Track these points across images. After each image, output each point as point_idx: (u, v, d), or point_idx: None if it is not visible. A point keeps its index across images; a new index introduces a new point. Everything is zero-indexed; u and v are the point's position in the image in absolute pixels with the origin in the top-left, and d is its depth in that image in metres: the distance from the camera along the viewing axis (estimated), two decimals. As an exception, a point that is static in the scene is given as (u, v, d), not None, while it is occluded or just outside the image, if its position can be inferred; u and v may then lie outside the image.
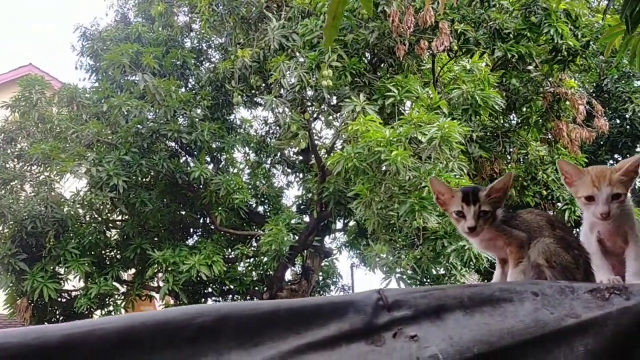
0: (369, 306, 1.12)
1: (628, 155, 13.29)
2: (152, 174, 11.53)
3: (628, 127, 11.48)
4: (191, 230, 12.71)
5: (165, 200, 11.93)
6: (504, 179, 1.68)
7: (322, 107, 10.24)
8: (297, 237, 11.25)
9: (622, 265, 1.56)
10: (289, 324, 1.08)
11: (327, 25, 2.24)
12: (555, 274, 1.44)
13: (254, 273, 12.36)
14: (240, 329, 1.06)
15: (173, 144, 11.71)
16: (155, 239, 11.63)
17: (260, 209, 12.89)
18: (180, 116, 11.25)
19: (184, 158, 12.17)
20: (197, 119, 11.07)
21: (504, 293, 1.17)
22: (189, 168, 11.25)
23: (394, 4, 9.26)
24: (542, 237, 1.54)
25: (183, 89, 12.06)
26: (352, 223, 12.60)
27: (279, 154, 13.07)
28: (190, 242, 12.37)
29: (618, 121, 11.62)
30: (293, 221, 11.35)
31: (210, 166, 12.03)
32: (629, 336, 1.10)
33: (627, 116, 11.38)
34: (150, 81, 10.55)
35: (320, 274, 12.99)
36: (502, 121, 10.52)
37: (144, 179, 11.58)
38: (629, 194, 1.56)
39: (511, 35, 9.67)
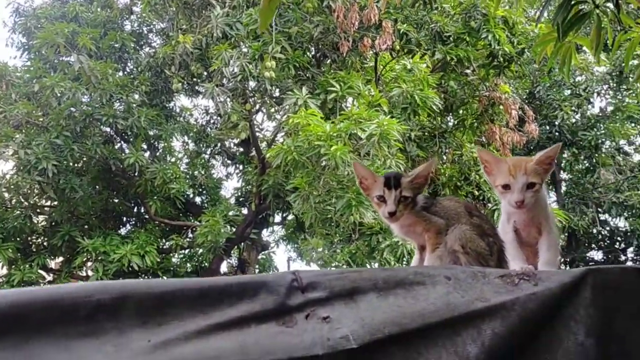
0: (283, 287, 1.10)
1: (556, 160, 13.96)
2: (84, 159, 11.11)
3: (557, 133, 12.03)
4: (124, 219, 12.33)
5: (97, 187, 11.50)
6: (426, 166, 1.70)
7: (264, 98, 10.15)
8: (234, 229, 11.11)
9: (535, 257, 1.61)
10: (196, 303, 1.03)
11: (263, 8, 2.19)
12: (470, 260, 1.47)
13: (188, 265, 12.12)
14: (142, 307, 1.00)
15: (108, 129, 11.29)
16: (86, 226, 11.20)
17: (198, 199, 12.65)
18: (117, 101, 10.86)
19: (118, 144, 11.76)
20: (134, 105, 10.71)
21: (418, 276, 1.17)
22: (123, 155, 10.89)
23: (339, 0, 9.30)
24: (459, 224, 1.56)
25: (120, 73, 11.64)
26: (290, 217, 12.58)
27: (219, 144, 12.85)
28: (122, 231, 12.00)
29: (548, 127, 12.16)
30: (231, 213, 11.22)
31: (147, 154, 11.69)
32: (534, 320, 1.13)
33: (556, 123, 11.93)
34: (86, 63, 10.11)
35: (257, 267, 12.89)
36: (439, 122, 10.78)
37: (75, 164, 11.11)
38: (544, 186, 1.62)
39: (451, 39, 9.93)
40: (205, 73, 10.72)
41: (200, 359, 0.96)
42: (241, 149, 12.73)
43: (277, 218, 12.97)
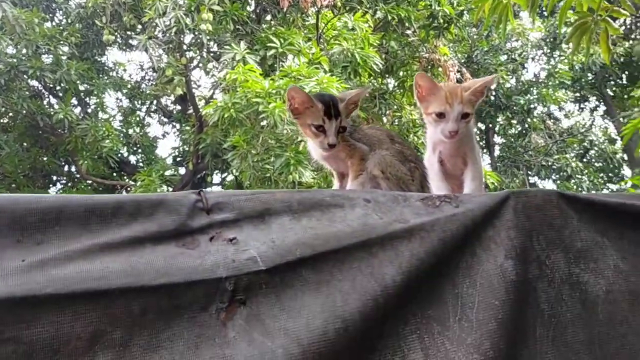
0: (185, 207, 1.00)
1: (491, 125, 14.35)
2: (10, 114, 10.47)
3: (492, 97, 12.31)
4: (54, 177, 11.75)
5: (25, 144, 10.88)
6: (358, 92, 1.62)
7: (201, 53, 9.78)
8: (170, 190, 10.81)
9: (460, 189, 1.57)
10: (81, 221, 0.92)
11: None
12: (390, 185, 1.42)
13: (122, 226, 11.75)
14: (17, 224, 0.88)
15: (35, 82, 10.61)
16: (13, 185, 10.60)
17: (133, 158, 12.21)
18: (44, 53, 10.18)
19: (47, 99, 11.10)
20: (63, 57, 10.07)
21: (336, 199, 1.10)
22: (52, 110, 10.28)
23: (281, -47, 9.00)
24: (380, 150, 1.50)
25: (48, 24, 10.90)
26: (230, 177, 12.37)
27: (155, 101, 12.36)
28: (52, 190, 11.47)
29: (484, 91, 12.38)
30: (167, 173, 10.90)
31: (77, 110, 11.10)
32: (454, 242, 1.08)
33: (491, 87, 12.17)
34: (10, 11, 9.38)
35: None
36: (379, 83, 10.77)
37: (0, 120, 10.43)
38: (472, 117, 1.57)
39: (393, -3, 9.85)
40: (140, 26, 10.19)
41: (83, 280, 0.85)
42: (178, 107, 12.32)
43: (216, 178, 12.72)
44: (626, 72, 14.35)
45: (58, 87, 10.47)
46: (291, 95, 1.60)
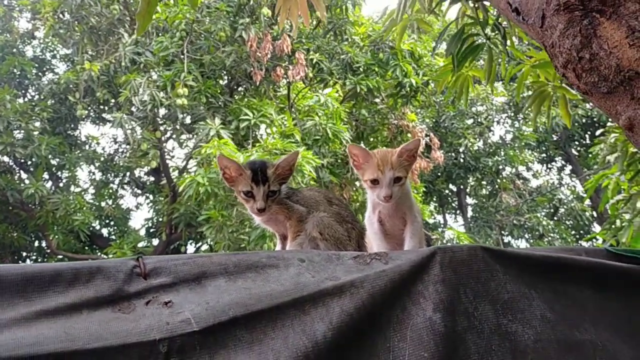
0: (122, 273, 1.04)
1: (462, 187, 14.65)
2: (-22, 190, 10.32)
3: (462, 160, 12.65)
4: (23, 254, 11.50)
5: (-7, 220, 10.71)
6: (289, 158, 1.69)
7: (175, 126, 9.95)
8: (143, 262, 10.66)
9: (401, 247, 1.64)
10: (20, 290, 0.95)
11: (141, 12, 2.15)
12: (329, 245, 1.48)
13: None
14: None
15: (6, 158, 10.60)
16: (-22, 263, 10.33)
17: (105, 231, 12.06)
18: (16, 129, 10.24)
19: (17, 174, 11.05)
20: (34, 132, 10.14)
21: (272, 260, 1.15)
22: (22, 185, 10.22)
23: (252, 30, 9.38)
24: (318, 212, 1.57)
25: (21, 100, 11.03)
26: (204, 247, 12.26)
27: (128, 173, 12.39)
28: (21, 268, 11.17)
29: (453, 154, 12.77)
30: (140, 244, 10.80)
31: (49, 184, 11.06)
32: (384, 297, 1.13)
33: (460, 150, 12.54)
34: (-19, 89, 9.54)
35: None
36: (351, 149, 10.99)
37: (-32, 196, 10.30)
38: (407, 178, 1.66)
39: (361, 69, 10.26)
40: (113, 100, 10.38)
41: (17, 346, 0.87)
42: (151, 178, 12.35)
43: (190, 249, 12.59)
44: (589, 132, 14.94)
45: (29, 162, 10.44)
46: (223, 164, 1.67)
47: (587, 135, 15.19)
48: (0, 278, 0.95)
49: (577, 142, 15.59)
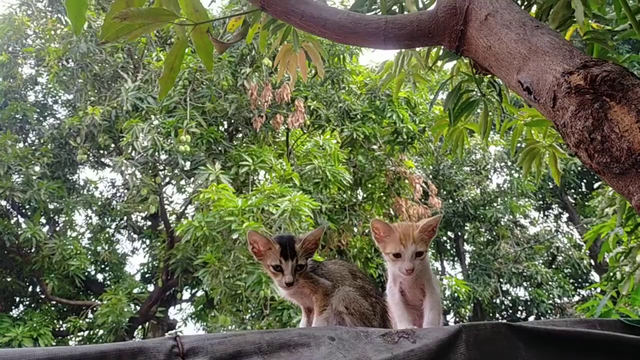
0: (162, 353, 1.07)
1: (460, 234, 14.68)
2: (-26, 234, 10.27)
3: (460, 208, 12.73)
4: (17, 299, 11.35)
5: (-13, 264, 10.61)
6: (315, 232, 1.74)
7: (175, 171, 10.02)
8: (138, 308, 10.53)
9: (422, 318, 1.67)
10: (66, 372, 0.98)
11: (164, 77, 2.23)
12: (354, 320, 1.51)
13: (87, 348, 11.20)
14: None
15: (4, 202, 10.59)
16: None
17: (100, 276, 11.95)
18: (15, 173, 10.29)
19: (15, 218, 11.02)
20: (34, 177, 10.18)
21: (303, 338, 1.18)
22: (20, 229, 10.19)
23: (253, 80, 9.59)
24: (344, 286, 1.61)
25: (21, 144, 11.12)
26: (200, 293, 12.14)
27: (125, 218, 12.36)
28: (15, 312, 11.02)
29: (451, 202, 12.86)
30: (135, 290, 10.68)
31: (46, 228, 11.02)
32: (412, 377, 1.16)
33: (458, 199, 12.64)
34: (-19, 135, 9.65)
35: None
36: (349, 195, 11.09)
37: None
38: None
39: (358, 116, 10.45)
40: (113, 145, 10.48)
41: None
42: (149, 223, 12.32)
43: (186, 295, 12.47)
44: (584, 180, 15.12)
45: (27, 206, 10.43)
46: (253, 239, 1.72)
47: (582, 183, 15.38)
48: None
49: (573, 190, 15.76)
